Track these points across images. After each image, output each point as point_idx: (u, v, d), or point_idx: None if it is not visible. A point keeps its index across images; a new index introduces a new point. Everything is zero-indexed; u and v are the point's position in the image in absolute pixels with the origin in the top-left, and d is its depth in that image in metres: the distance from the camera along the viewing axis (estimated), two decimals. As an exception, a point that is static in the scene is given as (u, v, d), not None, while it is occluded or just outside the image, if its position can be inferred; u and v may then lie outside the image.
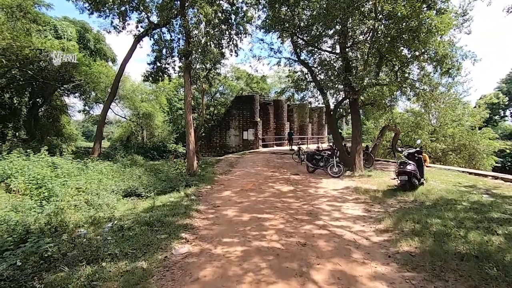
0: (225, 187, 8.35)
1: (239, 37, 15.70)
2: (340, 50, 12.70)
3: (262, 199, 6.71)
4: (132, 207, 5.92)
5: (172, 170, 10.42)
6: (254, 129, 23.73)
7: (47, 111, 30.44)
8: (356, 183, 8.96)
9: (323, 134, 34.04)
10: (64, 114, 31.74)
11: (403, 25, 10.40)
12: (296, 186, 8.43)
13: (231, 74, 41.71)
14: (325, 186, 8.46)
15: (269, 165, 13.91)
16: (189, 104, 10.28)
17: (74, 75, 21.35)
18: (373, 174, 10.90)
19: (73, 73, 21.12)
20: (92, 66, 21.95)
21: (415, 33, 10.41)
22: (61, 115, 30.85)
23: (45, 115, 30.35)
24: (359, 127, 11.54)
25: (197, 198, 6.79)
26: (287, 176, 10.37)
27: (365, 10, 11.45)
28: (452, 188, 7.98)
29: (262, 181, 9.23)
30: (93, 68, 21.85)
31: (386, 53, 12.38)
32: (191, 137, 10.20)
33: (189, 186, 8.01)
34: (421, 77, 13.09)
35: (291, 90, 18.21)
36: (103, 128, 15.74)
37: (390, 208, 5.80)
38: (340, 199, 6.71)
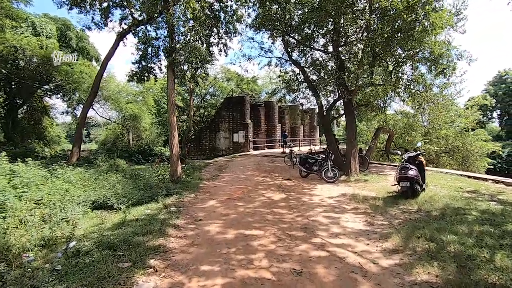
0: (210, 195, 7.58)
1: (229, 36, 14.99)
2: (333, 48, 12.10)
3: (251, 210, 5.96)
4: (99, 223, 5.09)
5: (154, 176, 9.59)
6: (244, 131, 22.99)
7: (28, 112, 28.98)
8: (353, 189, 8.33)
9: (315, 136, 33.57)
10: (47, 116, 30.33)
11: (399, 22, 9.91)
12: (289, 193, 7.72)
13: (221, 75, 40.95)
14: (320, 193, 7.78)
15: (260, 169, 13.19)
16: (172, 104, 9.48)
17: (53, 74, 20.23)
18: (369, 178, 10.30)
19: (53, 72, 20.00)
20: (73, 66, 20.84)
21: (410, 31, 9.95)
22: (43, 117, 29.42)
23: (26, 117, 28.89)
24: (354, 129, 10.96)
25: (177, 209, 5.99)
26: (279, 182, 9.67)
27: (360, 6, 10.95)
28: (455, 194, 7.42)
29: (251, 188, 8.49)
30: (75, 68, 20.76)
31: (381, 52, 11.90)
32: (175, 140, 9.40)
33: (170, 195, 7.20)
34: (416, 77, 12.65)
35: (283, 91, 17.63)
36: (83, 130, 14.73)
37: (395, 220, 5.15)
38: (338, 209, 6.03)
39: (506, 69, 46.73)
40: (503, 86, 46.32)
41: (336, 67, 12.18)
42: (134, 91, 29.68)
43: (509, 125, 46.72)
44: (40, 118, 29.24)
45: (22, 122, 27.14)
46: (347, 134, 10.97)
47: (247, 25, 15.67)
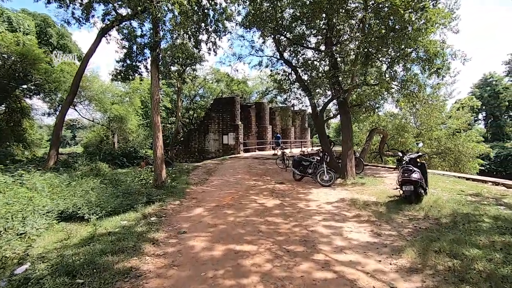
0: (197, 202, 6.88)
1: (218, 34, 14.35)
2: (326, 47, 11.60)
3: (242, 219, 5.31)
4: (64, 238, 4.33)
5: (137, 181, 8.80)
6: (234, 133, 22.31)
7: (6, 114, 27.46)
8: (352, 194, 7.79)
9: (306, 137, 33.20)
10: (27, 118, 28.86)
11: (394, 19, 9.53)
12: (283, 199, 7.11)
13: (211, 76, 40.21)
14: (317, 198, 7.20)
15: (251, 172, 12.54)
16: (156, 103, 8.75)
17: (32, 73, 19.05)
18: (366, 181, 9.82)
19: (31, 70, 18.83)
20: (53, 64, 19.73)
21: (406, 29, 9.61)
22: (22, 118, 27.97)
23: (4, 118, 27.36)
24: (350, 130, 10.47)
25: (158, 220, 5.28)
26: (272, 186, 9.05)
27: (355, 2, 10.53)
28: (459, 199, 6.97)
29: (242, 193, 7.84)
30: (55, 66, 19.65)
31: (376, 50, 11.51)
32: (159, 142, 8.65)
33: (151, 203, 6.46)
34: (409, 77, 12.33)
35: (274, 91, 17.12)
36: (61, 132, 13.73)
37: (404, 230, 4.60)
38: (339, 217, 5.44)
39: (491, 72, 47.72)
40: (488, 88, 47.27)
41: (329, 66, 11.74)
42: (119, 92, 28.57)
43: (494, 127, 47.63)
44: (20, 120, 27.76)
45: (0, 124, 25.65)
46: (342, 135, 10.47)
47: (237, 23, 15.12)
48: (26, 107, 27.80)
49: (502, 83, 45.88)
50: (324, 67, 13.13)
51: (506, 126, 47.72)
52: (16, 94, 23.38)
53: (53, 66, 19.37)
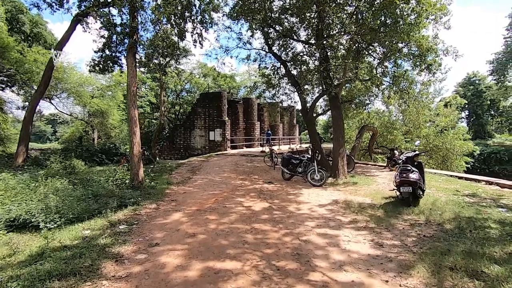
0: (177, 205, 6.18)
1: (204, 26, 13.52)
2: (317, 40, 11.02)
3: (225, 226, 4.67)
4: (8, 254, 3.57)
5: (111, 181, 7.99)
6: (221, 129, 21.57)
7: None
8: (345, 195, 7.29)
9: (295, 134, 32.79)
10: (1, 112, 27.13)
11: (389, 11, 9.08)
12: (272, 201, 6.51)
13: (198, 70, 39.13)
14: (308, 200, 6.65)
15: (238, 170, 11.90)
16: (133, 95, 7.94)
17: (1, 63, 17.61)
18: (358, 180, 9.38)
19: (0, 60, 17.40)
20: (26, 53, 18.33)
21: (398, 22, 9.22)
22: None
23: None
24: (342, 127, 9.98)
25: (128, 228, 4.57)
26: (259, 186, 8.44)
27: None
28: (457, 200, 6.60)
29: (228, 194, 7.19)
30: (28, 56, 18.26)
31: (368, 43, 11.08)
32: (136, 138, 7.87)
33: (124, 207, 5.72)
34: (400, 73, 11.98)
35: (262, 86, 16.51)
36: (31, 126, 12.64)
37: (407, 239, 4.10)
38: (333, 223, 4.89)
39: (474, 71, 48.77)
40: (471, 87, 48.34)
41: (320, 60, 11.22)
42: (100, 85, 27.18)
43: (476, 125, 48.81)
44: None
45: None
46: (333, 132, 9.98)
47: (224, 14, 14.36)
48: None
49: (485, 83, 46.99)
50: (315, 62, 12.61)
51: (487, 125, 49.04)
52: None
53: (25, 55, 17.99)
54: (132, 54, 8.20)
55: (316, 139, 11.95)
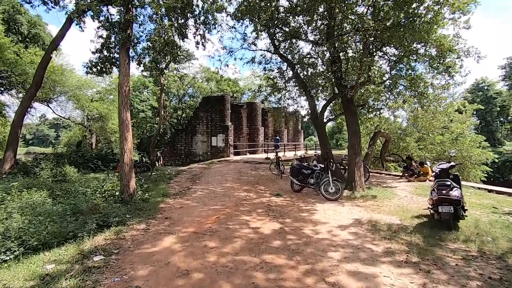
0: (170, 224, 5.20)
1: (207, 27, 12.72)
2: (328, 39, 10.12)
3: (228, 259, 3.68)
4: None
5: (99, 192, 7.04)
6: (224, 135, 20.64)
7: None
8: (366, 212, 6.27)
9: (300, 140, 31.78)
10: (0, 116, 26.51)
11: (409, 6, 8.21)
12: (283, 220, 5.51)
13: (201, 75, 38.50)
14: (325, 219, 5.64)
15: (242, 179, 10.92)
16: (125, 96, 7.04)
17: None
18: (377, 193, 8.36)
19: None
20: (22, 55, 17.63)
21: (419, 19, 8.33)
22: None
23: None
24: (358, 133, 8.99)
25: (104, 261, 3.59)
26: (267, 199, 7.44)
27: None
28: (500, 220, 5.60)
29: (231, 210, 6.20)
30: (24, 57, 17.55)
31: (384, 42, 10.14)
32: (127, 144, 6.93)
33: (106, 227, 4.76)
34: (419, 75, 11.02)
35: (268, 89, 15.62)
36: (20, 130, 11.78)
37: (469, 283, 3.08)
38: (364, 253, 3.88)
39: (483, 77, 47.72)
40: (480, 93, 47.20)
41: (330, 61, 10.32)
42: (101, 88, 26.48)
43: (485, 132, 47.51)
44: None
45: None
46: (349, 138, 8.99)
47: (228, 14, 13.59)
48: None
49: (494, 89, 45.84)
50: (325, 63, 11.72)
51: (497, 132, 47.72)
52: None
53: (21, 57, 17.28)
54: (125, 50, 7.34)
55: (327, 146, 10.97)
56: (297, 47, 12.89)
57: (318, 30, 10.88)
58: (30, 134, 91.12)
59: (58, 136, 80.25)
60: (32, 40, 20.49)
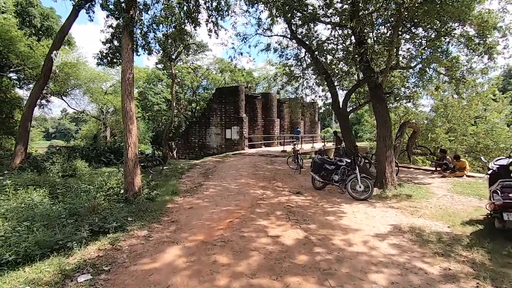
0: (176, 230, 4.50)
1: (220, 14, 11.87)
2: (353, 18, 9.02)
3: (243, 283, 2.92)
4: None
5: (104, 190, 6.47)
6: (238, 127, 19.88)
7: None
8: (405, 215, 5.34)
9: (316, 132, 30.59)
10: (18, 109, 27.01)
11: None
12: (307, 225, 4.68)
13: (214, 66, 37.75)
14: (357, 225, 4.77)
15: (257, 174, 10.16)
16: (128, 84, 6.36)
17: (10, 57, 16.83)
18: (410, 191, 7.37)
19: (8, 54, 16.61)
20: (36, 48, 17.48)
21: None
22: (13, 110, 26.14)
23: None
24: (388, 123, 7.94)
25: (91, 282, 2.92)
26: (286, 198, 6.62)
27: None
28: None
29: (246, 212, 5.44)
30: (37, 50, 17.39)
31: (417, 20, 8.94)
32: (132, 138, 6.28)
33: (102, 234, 4.12)
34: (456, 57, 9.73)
35: (284, 78, 14.66)
36: (29, 123, 11.49)
37: None
38: (416, 277, 3.01)
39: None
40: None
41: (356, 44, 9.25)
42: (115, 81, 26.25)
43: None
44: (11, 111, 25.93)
45: None
46: (378, 130, 7.96)
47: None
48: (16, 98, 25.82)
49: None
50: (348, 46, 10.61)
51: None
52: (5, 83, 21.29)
53: (34, 50, 17.13)
54: (127, 34, 6.63)
55: (350, 138, 9.99)
56: (314, 33, 11.88)
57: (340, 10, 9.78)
58: (52, 128, 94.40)
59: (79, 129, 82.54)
60: (45, 33, 20.36)
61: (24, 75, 19.26)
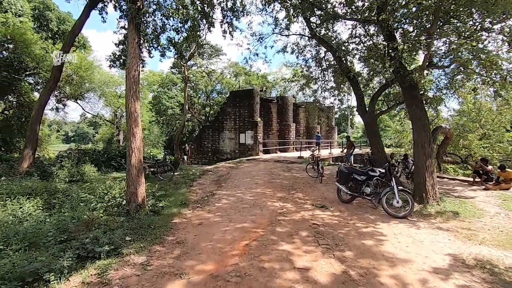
0: (181, 256, 3.70)
1: (235, 14, 11.26)
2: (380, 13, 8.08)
3: None
4: None
5: (106, 200, 5.79)
6: (253, 131, 19.10)
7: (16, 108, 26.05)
8: (460, 240, 4.33)
9: (333, 137, 29.39)
10: (37, 113, 27.33)
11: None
12: (341, 253, 3.77)
13: (229, 70, 37.36)
14: (404, 253, 3.80)
15: (274, 182, 9.28)
16: (133, 82, 5.69)
17: (25, 60, 16.83)
18: (455, 207, 6.30)
19: (24, 58, 16.61)
20: (51, 51, 17.45)
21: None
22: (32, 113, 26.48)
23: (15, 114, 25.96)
24: (427, 128, 6.91)
25: None
26: (310, 214, 5.71)
27: None
28: None
29: (264, 232, 4.58)
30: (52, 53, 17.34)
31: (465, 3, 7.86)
32: (136, 142, 5.58)
33: (90, 260, 3.37)
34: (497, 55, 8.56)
35: (301, 80, 13.84)
36: (38, 127, 11.15)
37: None
38: None
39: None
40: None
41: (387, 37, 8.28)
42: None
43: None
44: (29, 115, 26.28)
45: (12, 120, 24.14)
46: (415, 135, 6.94)
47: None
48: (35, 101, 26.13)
49: None
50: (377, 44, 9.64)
51: None
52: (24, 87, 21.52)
53: (49, 53, 17.09)
54: (134, 27, 5.98)
55: (379, 143, 8.99)
56: (334, 33, 11.10)
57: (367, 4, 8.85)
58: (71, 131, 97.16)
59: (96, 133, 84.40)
60: (61, 36, 20.44)
61: (39, 78, 19.31)
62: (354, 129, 61.62)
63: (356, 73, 10.36)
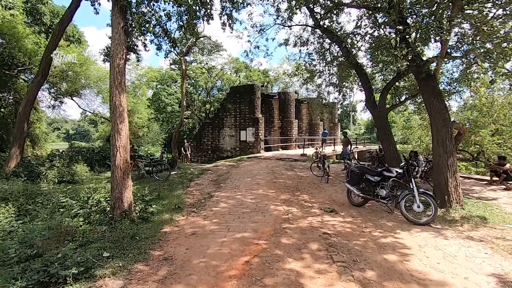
0: (168, 277, 3.04)
1: (235, 6, 10.57)
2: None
3: None
4: None
5: (90, 204, 5.15)
6: (254, 128, 18.42)
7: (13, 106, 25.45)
8: (501, 255, 3.65)
9: (336, 134, 28.65)
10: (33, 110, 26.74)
11: None
12: (361, 274, 3.10)
13: (229, 66, 36.59)
14: (437, 273, 3.14)
15: (277, 182, 8.62)
16: (118, 72, 5.02)
17: (17, 55, 16.16)
18: (480, 211, 5.62)
19: (15, 52, 15.94)
20: (43, 45, 16.75)
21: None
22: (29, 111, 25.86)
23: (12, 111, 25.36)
24: (448, 122, 6.23)
25: None
26: (319, 220, 5.05)
27: None
28: None
29: (267, 245, 3.92)
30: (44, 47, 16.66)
31: None
32: (121, 139, 4.92)
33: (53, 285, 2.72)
34: None
35: (304, 74, 13.15)
36: (26, 124, 10.50)
37: None
38: None
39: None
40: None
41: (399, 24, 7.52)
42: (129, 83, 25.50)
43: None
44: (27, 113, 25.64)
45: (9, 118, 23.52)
46: (434, 131, 6.25)
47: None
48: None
49: None
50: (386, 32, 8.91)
51: None
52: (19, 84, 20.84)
53: (42, 47, 16.42)
54: (118, 9, 5.29)
55: (391, 140, 8.30)
56: (339, 24, 10.43)
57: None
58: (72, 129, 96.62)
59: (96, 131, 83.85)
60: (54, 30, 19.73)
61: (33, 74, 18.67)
62: (355, 125, 60.82)
63: (365, 66, 9.67)
